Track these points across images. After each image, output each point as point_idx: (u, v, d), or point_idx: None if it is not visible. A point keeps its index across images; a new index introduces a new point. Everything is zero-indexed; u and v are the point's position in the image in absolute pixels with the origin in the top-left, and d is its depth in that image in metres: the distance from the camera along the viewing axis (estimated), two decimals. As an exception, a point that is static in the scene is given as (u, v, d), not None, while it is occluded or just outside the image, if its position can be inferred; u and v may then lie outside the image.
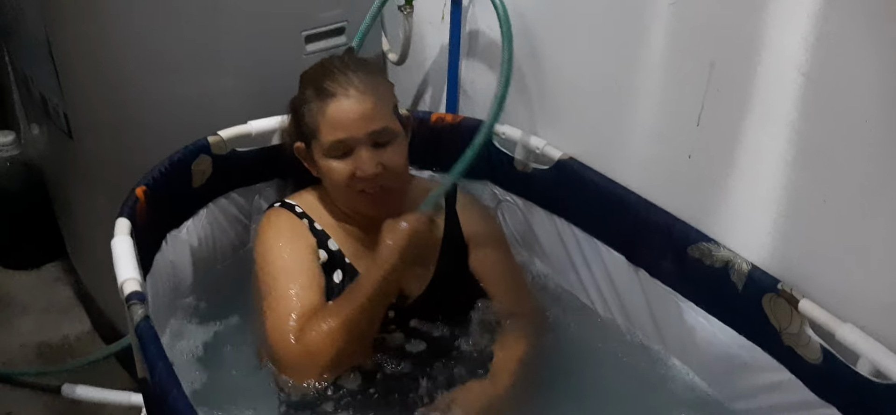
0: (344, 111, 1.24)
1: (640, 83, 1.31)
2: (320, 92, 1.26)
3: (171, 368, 0.96)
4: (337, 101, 1.25)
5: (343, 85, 1.26)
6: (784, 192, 1.14)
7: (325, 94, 1.26)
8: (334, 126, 1.25)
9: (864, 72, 0.99)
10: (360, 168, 1.24)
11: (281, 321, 1.20)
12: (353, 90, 1.25)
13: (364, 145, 1.25)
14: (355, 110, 1.24)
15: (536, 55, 1.49)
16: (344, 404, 1.21)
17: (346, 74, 1.27)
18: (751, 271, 1.19)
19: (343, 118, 1.24)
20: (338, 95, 1.25)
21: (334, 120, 1.25)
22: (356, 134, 1.24)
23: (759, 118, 1.14)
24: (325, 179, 1.31)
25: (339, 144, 1.25)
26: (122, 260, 1.11)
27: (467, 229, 1.41)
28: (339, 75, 1.27)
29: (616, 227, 1.40)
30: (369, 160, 1.24)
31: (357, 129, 1.24)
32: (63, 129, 1.55)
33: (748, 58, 1.12)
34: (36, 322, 2.00)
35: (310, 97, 1.28)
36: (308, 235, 1.31)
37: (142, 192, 1.25)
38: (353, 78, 1.26)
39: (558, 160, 1.46)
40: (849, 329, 1.06)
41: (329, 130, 1.25)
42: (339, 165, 1.26)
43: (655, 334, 1.38)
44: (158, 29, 1.43)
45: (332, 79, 1.27)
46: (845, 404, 1.08)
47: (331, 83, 1.26)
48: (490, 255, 1.42)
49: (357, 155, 1.25)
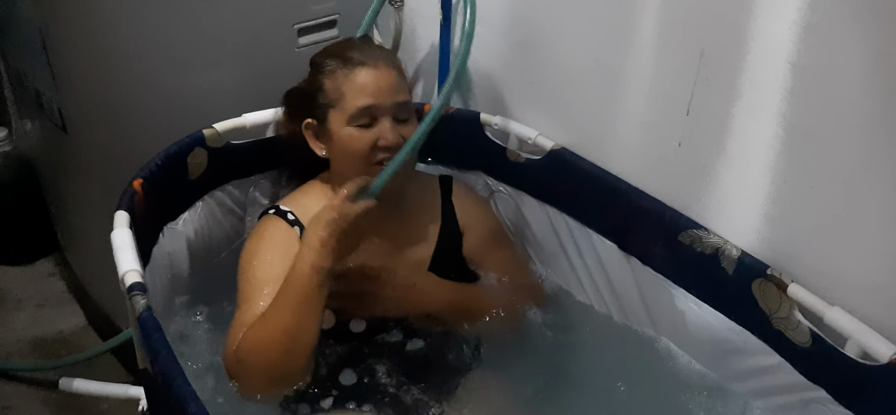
0: (372, 79, 1.27)
1: (630, 73, 1.32)
2: (347, 61, 1.29)
3: (174, 356, 0.98)
4: (366, 69, 1.28)
5: (371, 56, 1.29)
6: (773, 178, 1.16)
7: (354, 62, 1.28)
8: (362, 91, 1.27)
9: (850, 60, 1.01)
10: (383, 136, 1.26)
11: (234, 329, 1.20)
12: (382, 62, 1.29)
13: (388, 116, 1.28)
14: (384, 79, 1.28)
15: (527, 46, 1.50)
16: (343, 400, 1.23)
17: (372, 49, 1.32)
18: (740, 257, 1.21)
19: (371, 85, 1.27)
20: (367, 64, 1.28)
21: (362, 86, 1.27)
22: (383, 102, 1.27)
23: (748, 106, 1.16)
24: (339, 149, 1.30)
25: (365, 110, 1.27)
26: (122, 252, 1.12)
27: (462, 219, 1.43)
28: (366, 49, 1.31)
29: (608, 215, 1.42)
30: (393, 130, 1.27)
31: (384, 97, 1.27)
32: (57, 123, 1.55)
33: (737, 47, 1.14)
34: (31, 317, 2.00)
35: (333, 68, 1.30)
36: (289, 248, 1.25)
37: (139, 184, 1.26)
38: (378, 52, 1.31)
39: (550, 150, 1.48)
40: (837, 312, 1.09)
41: (356, 95, 1.27)
42: (362, 134, 1.27)
43: (648, 320, 1.40)
44: (152, 21, 1.43)
45: (359, 51, 1.30)
46: (834, 385, 1.11)
47: (357, 54, 1.29)
48: (485, 241, 1.44)
49: (381, 124, 1.27)
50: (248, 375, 1.16)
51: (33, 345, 1.92)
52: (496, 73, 1.59)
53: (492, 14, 1.49)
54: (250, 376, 1.16)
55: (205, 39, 1.50)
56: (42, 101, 1.61)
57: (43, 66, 1.49)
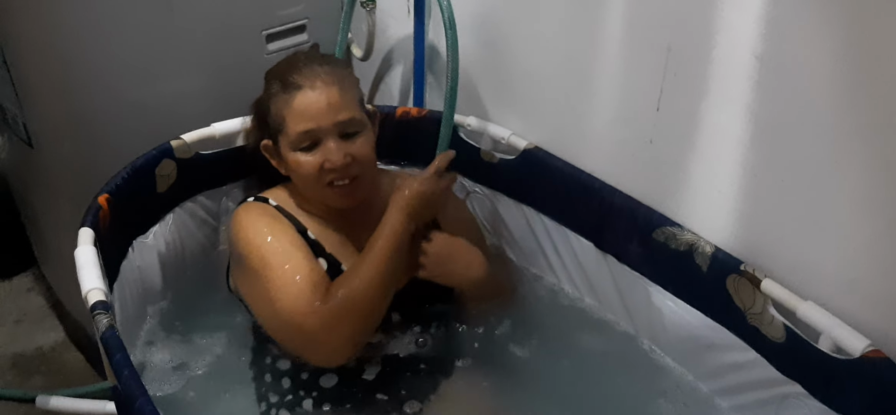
0: (310, 102, 1.24)
1: (599, 70, 1.31)
2: (286, 85, 1.26)
3: (137, 375, 0.96)
4: (303, 93, 1.25)
5: (309, 77, 1.26)
6: (743, 173, 1.15)
7: (291, 86, 1.26)
8: (301, 117, 1.24)
9: (815, 52, 1.01)
10: (328, 159, 1.24)
11: (296, 293, 1.17)
12: (319, 82, 1.25)
13: (331, 136, 1.25)
14: (321, 101, 1.24)
15: (495, 45, 1.49)
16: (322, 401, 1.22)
17: (312, 67, 1.27)
18: (714, 253, 1.20)
19: (309, 109, 1.24)
20: (304, 87, 1.25)
21: (301, 111, 1.24)
22: (323, 124, 1.24)
23: (717, 101, 1.15)
24: (293, 174, 1.30)
25: (305, 134, 1.24)
26: (85, 270, 1.11)
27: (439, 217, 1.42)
28: (305, 68, 1.27)
29: (583, 213, 1.41)
30: (337, 150, 1.24)
31: (324, 119, 1.24)
32: (23, 138, 1.53)
33: (704, 41, 1.13)
34: (9, 333, 1.98)
35: (276, 91, 1.28)
36: (289, 224, 1.29)
37: (105, 200, 1.24)
38: (318, 70, 1.27)
39: (524, 149, 1.47)
40: (809, 307, 1.08)
41: (296, 121, 1.25)
42: (307, 158, 1.25)
43: (626, 318, 1.40)
44: (114, 32, 1.41)
45: (298, 72, 1.27)
46: (809, 380, 1.10)
47: (296, 76, 1.26)
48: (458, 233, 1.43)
49: (325, 146, 1.25)
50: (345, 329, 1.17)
51: (12, 361, 1.90)
52: (468, 73, 1.57)
53: (462, 14, 1.47)
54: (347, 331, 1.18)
55: (170, 48, 1.48)
56: (7, 116, 1.58)
57: (5, 82, 1.46)
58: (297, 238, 1.26)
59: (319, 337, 1.17)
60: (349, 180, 1.27)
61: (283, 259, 1.21)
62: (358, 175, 1.27)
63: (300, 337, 1.19)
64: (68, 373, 1.86)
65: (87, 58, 1.42)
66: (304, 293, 1.17)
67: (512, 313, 1.41)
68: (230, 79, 1.53)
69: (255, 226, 1.27)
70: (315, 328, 1.16)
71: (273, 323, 1.23)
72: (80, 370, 1.86)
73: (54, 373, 1.86)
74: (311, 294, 1.17)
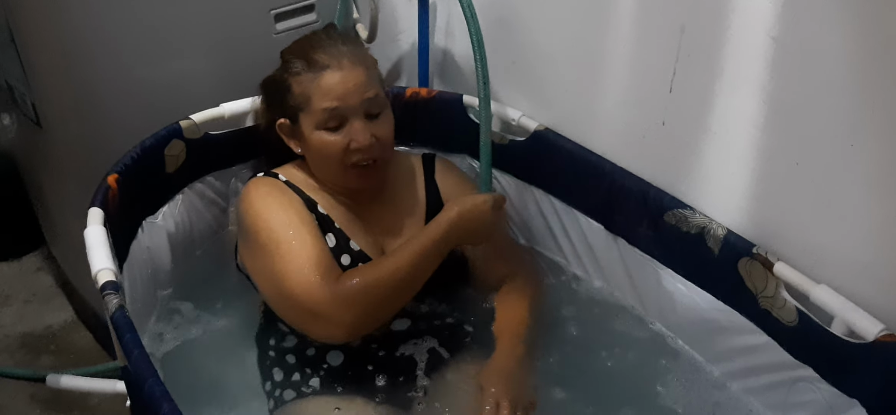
0: (338, 81, 1.24)
1: (611, 50, 1.30)
2: (312, 64, 1.26)
3: (147, 356, 0.96)
4: (331, 72, 1.25)
5: (335, 56, 1.26)
6: (757, 155, 1.14)
7: (318, 65, 1.25)
8: (327, 95, 1.24)
9: (831, 33, 0.99)
10: (355, 139, 1.24)
11: (299, 266, 1.17)
12: (346, 61, 1.25)
13: (358, 116, 1.25)
14: (349, 80, 1.24)
15: (507, 25, 1.48)
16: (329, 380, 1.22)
17: (337, 47, 1.27)
18: (726, 236, 1.19)
19: (336, 88, 1.24)
20: (331, 67, 1.25)
21: (327, 90, 1.24)
22: (352, 103, 1.24)
23: (731, 82, 1.14)
24: (313, 153, 1.29)
25: (333, 112, 1.24)
26: (95, 250, 1.10)
27: (447, 197, 1.41)
28: (330, 47, 1.27)
29: (593, 196, 1.40)
30: (363, 131, 1.25)
31: (352, 98, 1.24)
32: (31, 117, 1.53)
33: (718, 22, 1.12)
34: (18, 313, 1.99)
35: (299, 69, 1.27)
36: (298, 199, 1.28)
37: (114, 179, 1.24)
38: (343, 50, 1.27)
39: (534, 131, 1.46)
40: (823, 290, 1.07)
41: (322, 99, 1.24)
42: (332, 138, 1.25)
43: (636, 300, 1.39)
44: (123, 11, 1.40)
45: (323, 50, 1.27)
46: (821, 364, 1.09)
47: (322, 55, 1.26)
48: None
49: (351, 126, 1.25)
50: (353, 308, 1.16)
51: (21, 341, 1.91)
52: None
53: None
54: (356, 310, 1.16)
55: (178, 28, 1.47)
56: (15, 95, 1.58)
57: (13, 61, 1.46)
58: (305, 213, 1.26)
59: (322, 313, 1.16)
60: (371, 162, 1.27)
61: (290, 233, 1.21)
62: (379, 157, 1.28)
63: (300, 311, 1.18)
64: (77, 352, 1.87)
65: (94, 36, 1.41)
66: (307, 267, 1.17)
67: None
68: (239, 58, 1.52)
69: (263, 200, 1.26)
70: (318, 304, 1.15)
71: (276, 295, 1.22)
72: (89, 350, 1.86)
73: (63, 352, 1.87)
74: (314, 269, 1.16)
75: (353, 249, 1.28)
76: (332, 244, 1.27)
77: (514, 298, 1.37)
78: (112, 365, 1.70)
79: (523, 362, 1.27)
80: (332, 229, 1.28)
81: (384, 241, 1.34)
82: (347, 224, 1.30)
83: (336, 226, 1.29)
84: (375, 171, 1.29)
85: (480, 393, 1.20)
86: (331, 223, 1.29)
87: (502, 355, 1.27)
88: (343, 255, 1.27)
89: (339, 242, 1.27)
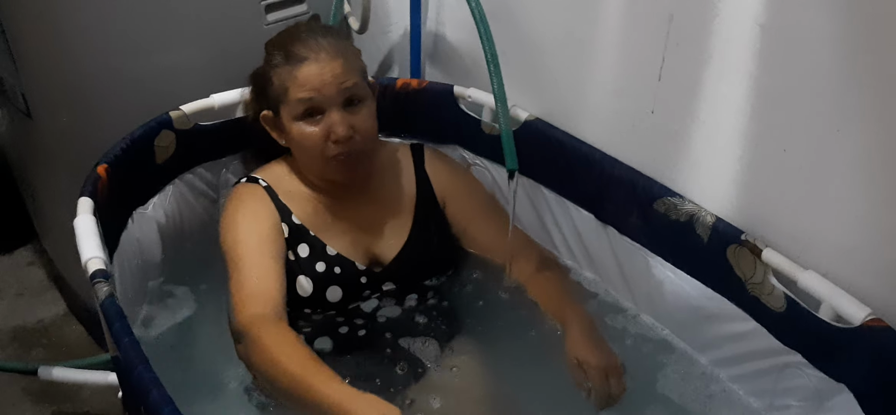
0: (315, 73, 1.24)
1: (600, 39, 1.30)
2: (289, 56, 1.26)
3: (137, 343, 0.96)
4: (308, 65, 1.25)
5: (313, 49, 1.26)
6: (745, 142, 1.14)
7: (295, 58, 1.26)
8: (305, 87, 1.24)
9: (818, 20, 1.00)
10: (333, 130, 1.24)
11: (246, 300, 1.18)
12: (324, 53, 1.25)
13: (335, 106, 1.25)
14: (326, 71, 1.24)
15: (497, 16, 1.47)
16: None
17: (316, 39, 1.27)
18: (715, 223, 1.20)
19: (314, 79, 1.24)
20: (309, 59, 1.25)
21: (305, 81, 1.24)
22: (327, 93, 1.24)
23: (719, 70, 1.14)
24: (295, 145, 1.30)
25: (309, 103, 1.24)
26: (84, 239, 1.10)
27: (439, 187, 1.42)
28: (309, 39, 1.27)
29: (583, 185, 1.40)
30: (341, 121, 1.25)
31: (328, 88, 1.24)
32: (21, 108, 1.52)
33: (706, 9, 1.12)
34: (9, 307, 1.98)
35: (278, 62, 1.28)
36: (272, 211, 1.30)
37: (103, 170, 1.24)
38: (321, 42, 1.27)
39: (524, 121, 1.46)
40: (810, 276, 1.08)
41: (299, 90, 1.25)
42: (311, 129, 1.26)
43: (625, 289, 1.40)
44: (113, 2, 1.40)
45: (302, 43, 1.27)
46: (809, 349, 1.10)
47: (300, 47, 1.26)
48: (470, 204, 1.43)
49: (328, 117, 1.25)
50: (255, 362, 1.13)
51: (13, 334, 1.90)
52: (468, 44, 1.56)
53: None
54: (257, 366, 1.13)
55: (168, 19, 1.46)
56: (5, 86, 1.57)
57: (3, 51, 1.45)
58: (273, 232, 1.27)
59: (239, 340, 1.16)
60: (351, 154, 1.27)
61: (248, 257, 1.22)
62: (360, 148, 1.28)
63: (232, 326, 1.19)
64: (69, 345, 1.86)
65: (84, 27, 1.40)
66: (249, 298, 1.18)
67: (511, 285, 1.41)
68: (229, 49, 1.52)
69: (236, 214, 1.29)
70: (240, 333, 1.16)
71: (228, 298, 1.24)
72: (81, 343, 1.86)
73: (55, 346, 1.87)
74: (254, 302, 1.17)
75: (330, 255, 1.29)
76: (304, 255, 1.28)
77: (549, 275, 1.39)
78: (103, 357, 1.70)
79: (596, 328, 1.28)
80: (306, 239, 1.29)
81: (368, 237, 1.34)
82: (325, 227, 1.31)
83: (311, 234, 1.30)
84: (357, 162, 1.29)
85: (576, 367, 1.21)
86: (304, 232, 1.30)
87: (578, 327, 1.26)
88: (318, 262, 1.28)
89: (313, 251, 1.29)
